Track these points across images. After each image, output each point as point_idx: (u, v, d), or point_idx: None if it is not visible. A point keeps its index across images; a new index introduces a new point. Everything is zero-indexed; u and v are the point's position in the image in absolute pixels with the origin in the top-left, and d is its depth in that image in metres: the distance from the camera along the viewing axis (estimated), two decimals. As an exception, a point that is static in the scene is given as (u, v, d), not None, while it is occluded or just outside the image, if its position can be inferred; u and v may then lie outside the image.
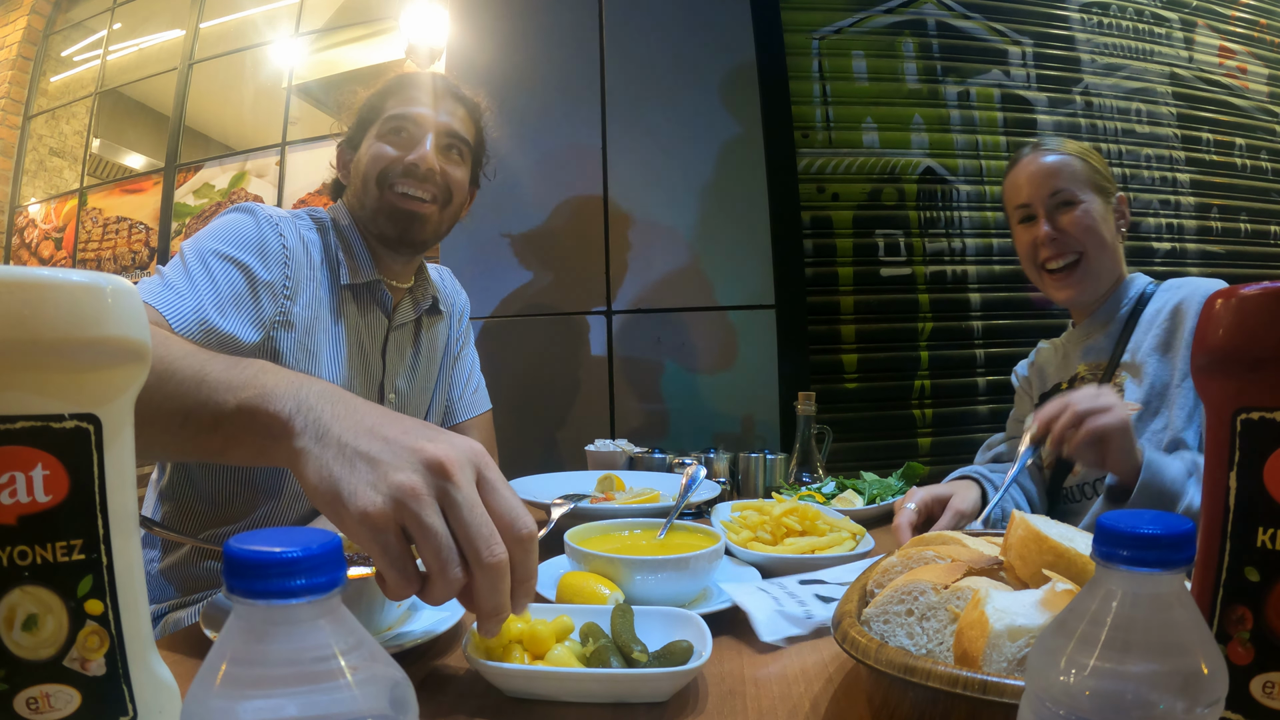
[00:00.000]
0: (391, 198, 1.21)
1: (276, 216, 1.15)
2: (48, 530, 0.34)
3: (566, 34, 2.37)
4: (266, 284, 1.07)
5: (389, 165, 1.21)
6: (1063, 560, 0.55)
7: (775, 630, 0.70)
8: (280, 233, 1.12)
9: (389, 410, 0.60)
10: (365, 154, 1.25)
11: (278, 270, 1.10)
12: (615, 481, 1.23)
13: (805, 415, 1.45)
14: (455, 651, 0.69)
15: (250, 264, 1.06)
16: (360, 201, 1.24)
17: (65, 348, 0.34)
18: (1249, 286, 0.38)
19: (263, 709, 0.29)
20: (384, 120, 1.24)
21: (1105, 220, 1.32)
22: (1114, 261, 1.33)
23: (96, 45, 4.02)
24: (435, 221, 1.26)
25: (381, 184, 1.22)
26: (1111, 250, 1.32)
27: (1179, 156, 2.58)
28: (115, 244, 3.72)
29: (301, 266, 1.14)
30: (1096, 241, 1.31)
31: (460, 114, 1.29)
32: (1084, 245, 1.30)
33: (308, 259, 1.16)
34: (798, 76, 2.40)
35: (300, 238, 1.16)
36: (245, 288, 1.05)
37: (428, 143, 1.23)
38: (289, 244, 1.12)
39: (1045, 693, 0.33)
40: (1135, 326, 1.27)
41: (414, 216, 1.22)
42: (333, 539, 0.31)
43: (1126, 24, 2.59)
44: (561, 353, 2.33)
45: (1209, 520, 0.39)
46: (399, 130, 1.23)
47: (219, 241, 1.07)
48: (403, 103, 1.25)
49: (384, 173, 1.21)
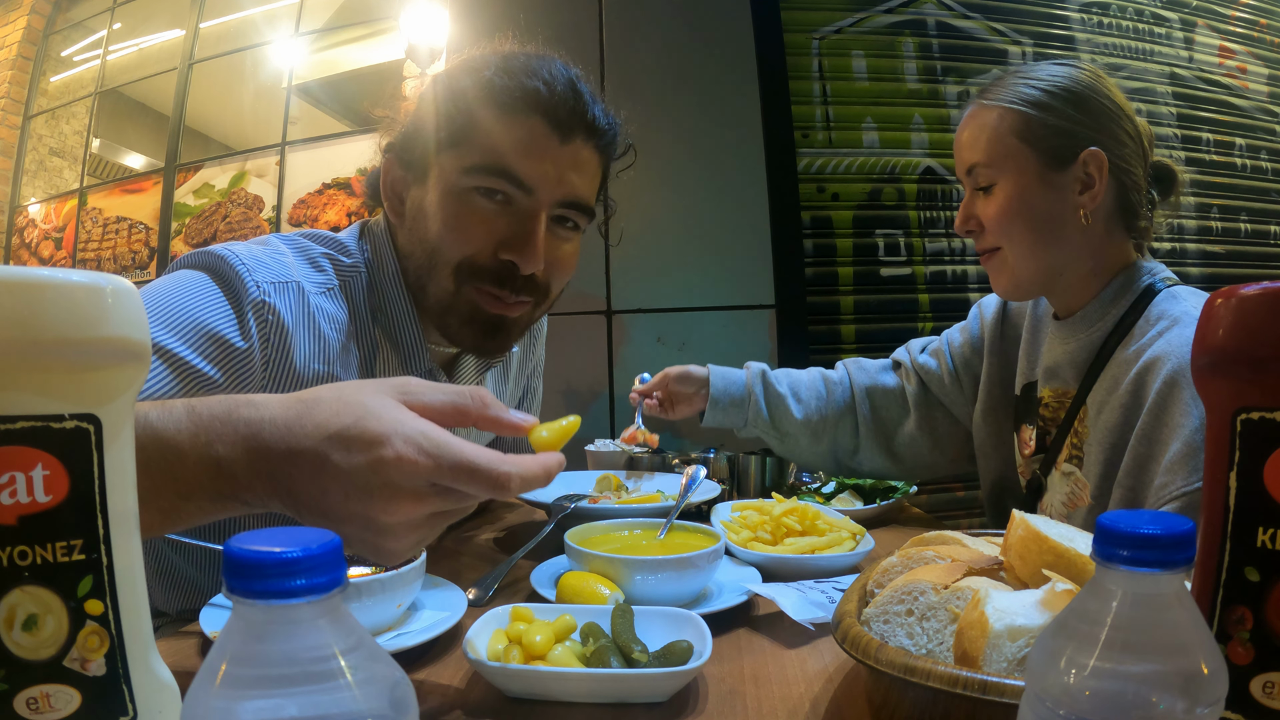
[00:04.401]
0: (473, 296, 0.89)
1: (267, 282, 0.83)
2: (48, 530, 0.34)
3: (566, 34, 2.36)
4: (212, 383, 0.78)
5: (475, 257, 0.87)
6: (1063, 560, 0.55)
7: (804, 611, 0.70)
8: (263, 316, 0.82)
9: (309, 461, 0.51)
10: (436, 205, 0.88)
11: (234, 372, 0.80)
12: (614, 481, 1.23)
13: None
14: (455, 651, 0.69)
15: (196, 364, 0.77)
16: (421, 276, 0.91)
17: (65, 348, 0.34)
18: (1249, 286, 0.38)
19: (263, 709, 0.29)
20: (478, 167, 0.86)
21: (1044, 200, 1.01)
22: (1071, 253, 1.02)
23: (96, 45, 4.02)
24: (526, 323, 0.95)
25: (460, 276, 0.88)
26: (1063, 240, 1.01)
27: (1179, 156, 2.58)
28: (115, 244, 3.72)
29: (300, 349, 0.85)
30: (1019, 234, 1.03)
31: (590, 162, 0.91)
32: (999, 240, 1.05)
33: (317, 344, 0.86)
34: (798, 76, 2.40)
35: (309, 320, 0.85)
36: (174, 388, 0.75)
37: (539, 228, 0.87)
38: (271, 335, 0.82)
39: (1045, 693, 0.33)
40: (1121, 345, 0.99)
41: (500, 324, 0.91)
42: (333, 539, 0.31)
43: (1126, 24, 2.59)
44: (561, 353, 2.33)
45: (1209, 520, 0.39)
46: (499, 196, 0.86)
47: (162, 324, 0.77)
48: (515, 147, 0.85)
49: (468, 266, 0.88)
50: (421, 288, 0.92)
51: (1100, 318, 1.03)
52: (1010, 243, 1.04)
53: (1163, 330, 0.94)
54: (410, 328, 0.94)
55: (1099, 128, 1.00)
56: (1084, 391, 1.03)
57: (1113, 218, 1.03)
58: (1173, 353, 0.90)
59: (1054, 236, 1.02)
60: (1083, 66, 1.05)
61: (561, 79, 0.88)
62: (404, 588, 0.70)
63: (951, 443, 1.33)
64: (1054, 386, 1.10)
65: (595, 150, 0.92)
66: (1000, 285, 1.09)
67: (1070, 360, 1.06)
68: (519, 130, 0.86)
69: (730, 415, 1.33)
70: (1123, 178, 1.01)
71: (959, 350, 1.30)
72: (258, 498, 0.53)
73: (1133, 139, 1.02)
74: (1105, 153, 0.99)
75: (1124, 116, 1.02)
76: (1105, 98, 1.02)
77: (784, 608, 0.71)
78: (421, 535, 0.54)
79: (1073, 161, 1.00)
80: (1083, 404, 1.03)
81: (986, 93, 1.06)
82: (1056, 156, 1.00)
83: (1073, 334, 1.06)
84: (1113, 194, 1.01)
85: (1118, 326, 1.01)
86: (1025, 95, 1.02)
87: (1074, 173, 1.00)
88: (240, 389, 0.81)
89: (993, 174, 1.03)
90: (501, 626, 0.65)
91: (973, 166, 1.05)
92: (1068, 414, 1.05)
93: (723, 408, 1.32)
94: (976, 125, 1.05)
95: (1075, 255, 1.03)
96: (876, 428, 1.33)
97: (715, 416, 1.33)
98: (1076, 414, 1.04)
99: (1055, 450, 1.07)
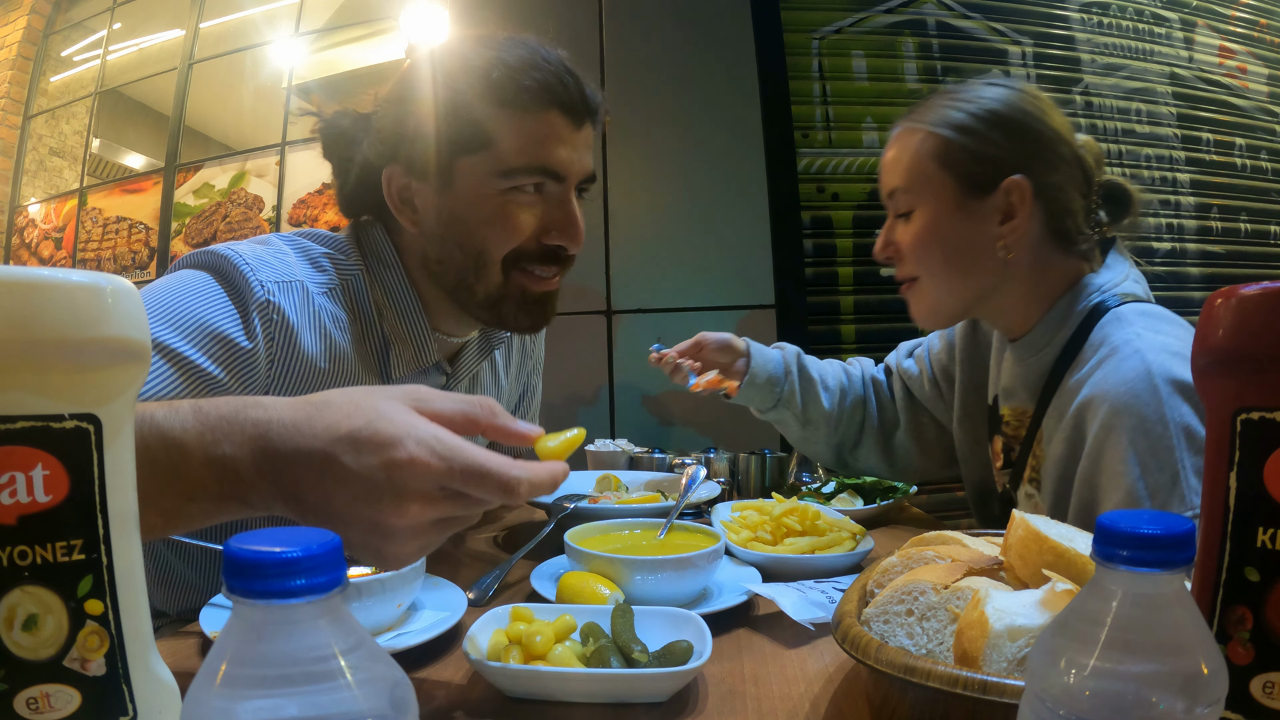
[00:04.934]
0: (523, 280, 0.93)
1: (271, 282, 0.84)
2: (48, 530, 0.34)
3: (566, 34, 2.37)
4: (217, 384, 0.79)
5: (522, 246, 0.91)
6: (1063, 560, 0.55)
7: (804, 611, 0.70)
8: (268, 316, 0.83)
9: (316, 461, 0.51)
10: (470, 207, 0.89)
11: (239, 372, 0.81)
12: (614, 481, 1.23)
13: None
14: (455, 651, 0.69)
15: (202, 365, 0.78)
16: (460, 276, 0.93)
17: (65, 348, 0.34)
18: (1249, 286, 0.38)
19: (263, 709, 0.29)
20: (516, 169, 0.88)
21: (960, 230, 0.97)
22: (990, 283, 0.99)
23: (96, 45, 4.02)
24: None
25: (507, 266, 0.92)
26: (979, 270, 0.98)
27: (1179, 156, 2.58)
28: (115, 244, 3.71)
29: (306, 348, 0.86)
30: (934, 263, 1.00)
31: (592, 136, 0.96)
32: (915, 268, 1.02)
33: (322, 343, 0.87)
34: (798, 76, 2.40)
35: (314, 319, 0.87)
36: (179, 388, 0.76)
37: (577, 210, 0.92)
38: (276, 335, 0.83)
39: (1045, 693, 0.33)
40: (1069, 370, 0.95)
41: (548, 300, 0.96)
42: (333, 539, 0.31)
43: (1126, 24, 2.59)
44: (561, 352, 2.33)
45: (1209, 520, 0.39)
46: (533, 189, 0.90)
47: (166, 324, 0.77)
48: (546, 143, 0.88)
49: (515, 254, 0.91)
50: (460, 283, 0.93)
51: (1047, 342, 0.99)
52: (926, 272, 1.01)
53: (1102, 359, 0.90)
54: (418, 322, 0.95)
55: (1025, 154, 0.96)
56: (1040, 413, 1.00)
57: (1045, 243, 0.98)
58: (1108, 393, 0.86)
59: (969, 267, 0.99)
60: (1017, 88, 0.99)
61: (559, 66, 0.90)
62: (404, 588, 0.70)
63: (939, 447, 1.31)
64: (1013, 405, 1.07)
65: (593, 124, 0.96)
66: (917, 314, 1.06)
67: (1023, 383, 1.03)
68: (543, 127, 0.89)
69: (762, 394, 1.27)
70: (1052, 205, 0.97)
71: (938, 356, 1.29)
72: (262, 499, 0.53)
73: (1069, 162, 0.98)
74: (1031, 180, 0.95)
75: (1059, 140, 0.97)
76: (1037, 121, 0.97)
77: (784, 608, 0.71)
78: (425, 542, 0.54)
79: (993, 190, 0.95)
80: (1039, 426, 1.00)
81: (913, 114, 1.02)
82: (976, 184, 0.96)
83: (1022, 358, 1.03)
84: (1041, 221, 0.97)
85: (1064, 350, 0.97)
86: (949, 119, 0.97)
87: (994, 202, 0.96)
88: (245, 390, 0.82)
89: (911, 200, 1.00)
90: (501, 626, 0.65)
91: (893, 191, 1.02)
92: (1028, 433, 1.02)
93: (758, 385, 1.26)
94: (899, 148, 1.02)
95: (997, 285, 1.00)
96: (880, 426, 1.33)
97: (746, 393, 1.27)
98: (1035, 435, 1.01)
99: (1020, 467, 1.05)
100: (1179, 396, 0.84)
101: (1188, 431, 0.83)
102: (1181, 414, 0.83)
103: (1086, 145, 1.00)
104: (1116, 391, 0.86)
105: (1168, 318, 0.94)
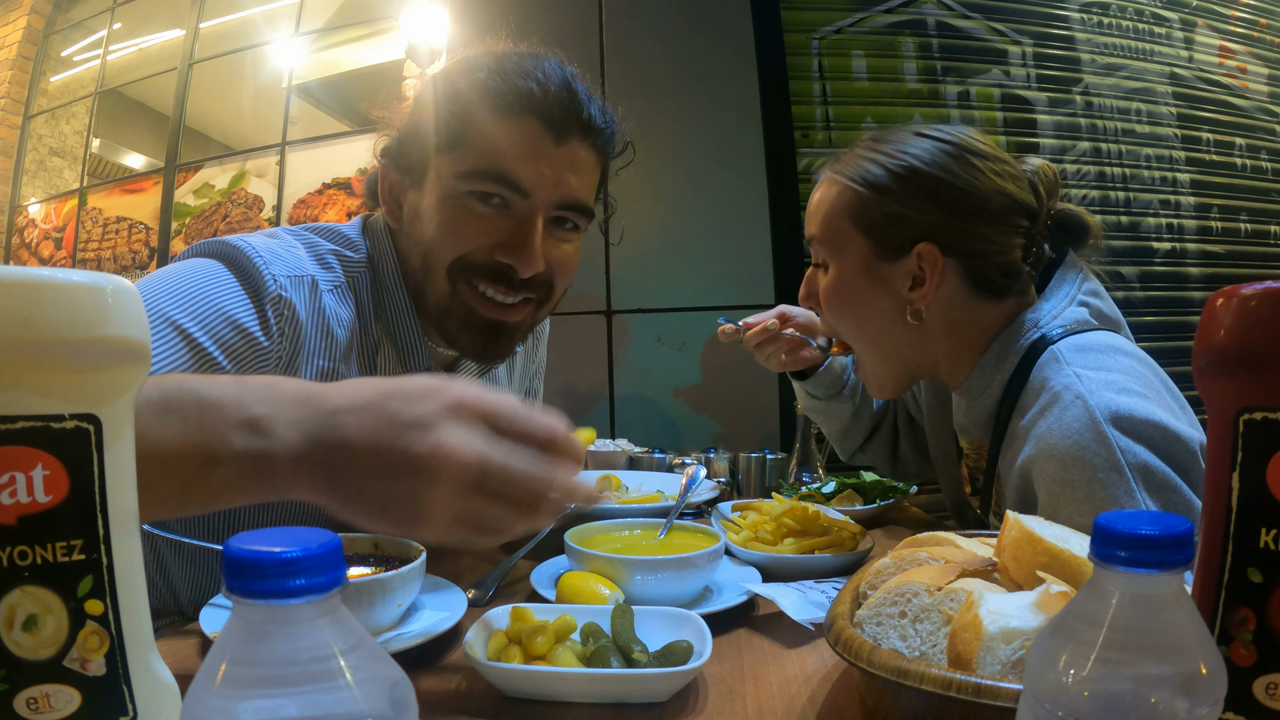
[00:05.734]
0: (469, 298, 0.87)
1: (284, 276, 0.83)
2: (48, 530, 0.34)
3: (566, 34, 2.37)
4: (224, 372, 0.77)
5: (470, 255, 0.86)
6: (1057, 562, 0.54)
7: (804, 611, 0.70)
8: (280, 311, 0.81)
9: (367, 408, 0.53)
10: (433, 209, 0.86)
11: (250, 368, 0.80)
12: (614, 481, 1.23)
13: (805, 415, 1.45)
14: (455, 651, 0.69)
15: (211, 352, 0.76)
16: (419, 278, 0.90)
17: (65, 348, 0.34)
18: (1250, 286, 0.38)
19: (262, 709, 0.29)
20: (474, 172, 0.84)
21: (869, 292, 0.94)
22: (909, 344, 0.95)
23: (96, 45, 4.02)
24: (529, 326, 0.94)
25: (454, 276, 0.87)
26: (892, 334, 0.95)
27: (1179, 156, 2.58)
28: (115, 244, 3.72)
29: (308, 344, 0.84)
30: (846, 324, 0.98)
31: (588, 162, 0.89)
32: (830, 322, 1.00)
33: (323, 340, 0.85)
34: (798, 76, 2.40)
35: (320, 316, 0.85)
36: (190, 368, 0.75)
37: (537, 231, 0.85)
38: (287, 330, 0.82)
39: (1044, 694, 0.33)
40: (1014, 414, 0.91)
41: (499, 329, 0.90)
42: (332, 539, 0.31)
43: (1126, 24, 2.59)
44: (561, 353, 2.33)
45: (1211, 521, 0.39)
46: (495, 200, 0.85)
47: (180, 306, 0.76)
48: (511, 151, 0.83)
49: (461, 264, 0.86)
50: (420, 290, 0.91)
51: (985, 386, 0.95)
52: (843, 331, 0.99)
53: (1044, 408, 0.85)
54: (410, 327, 0.93)
55: (941, 215, 0.90)
56: (995, 450, 0.96)
57: (968, 299, 0.93)
58: (1054, 447, 0.82)
59: (882, 330, 0.96)
60: (949, 140, 0.92)
61: (556, 78, 0.86)
62: (404, 588, 0.70)
63: None
64: (969, 439, 1.05)
65: (592, 149, 0.90)
66: (869, 387, 1.04)
67: (974, 422, 1.00)
68: (514, 133, 0.84)
69: (831, 383, 1.24)
70: (974, 261, 0.91)
71: None
72: (287, 452, 0.53)
73: (998, 214, 0.91)
74: (943, 243, 0.90)
75: (985, 196, 0.90)
76: (960, 178, 0.90)
77: (784, 608, 0.71)
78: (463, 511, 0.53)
79: (906, 254, 0.91)
80: (996, 463, 0.97)
81: (837, 161, 0.97)
82: (889, 245, 0.92)
83: (966, 401, 0.99)
84: (958, 279, 0.92)
85: (1006, 391, 0.93)
86: (867, 174, 0.92)
87: (905, 265, 0.92)
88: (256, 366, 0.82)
89: (826, 252, 0.97)
90: (501, 626, 0.65)
91: (810, 239, 0.99)
92: (988, 464, 0.99)
93: (832, 373, 1.24)
94: (820, 196, 0.97)
95: (917, 346, 0.96)
96: (894, 428, 1.34)
97: (817, 380, 1.24)
98: (994, 468, 0.97)
99: (987, 495, 1.02)
100: (1128, 437, 0.79)
101: (1144, 470, 0.79)
102: (1135, 454, 0.79)
103: (1040, 171, 0.96)
104: (1064, 445, 0.81)
105: (1107, 348, 0.89)
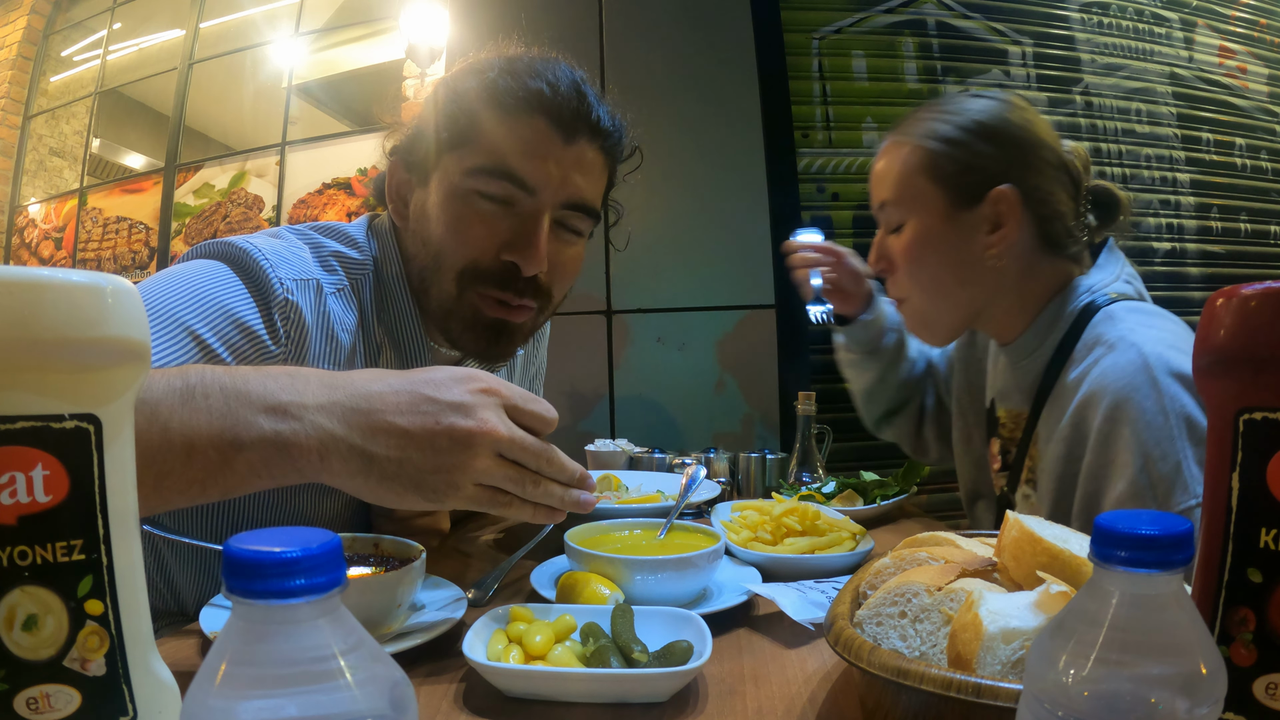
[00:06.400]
0: (475, 301, 0.88)
1: (290, 279, 0.82)
2: (48, 530, 0.34)
3: (567, 34, 2.36)
4: None
5: (477, 260, 0.86)
6: (1057, 562, 0.54)
7: (804, 611, 0.70)
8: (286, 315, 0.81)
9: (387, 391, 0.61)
10: (439, 206, 0.87)
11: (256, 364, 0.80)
12: (614, 481, 1.23)
13: (805, 415, 1.45)
14: (455, 651, 0.69)
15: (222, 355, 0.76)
16: (425, 277, 0.90)
17: (65, 348, 0.34)
18: (1250, 286, 0.38)
19: (262, 709, 0.29)
20: (481, 169, 0.84)
21: (951, 242, 0.98)
22: (985, 293, 1.00)
23: (96, 45, 4.02)
24: (530, 329, 0.94)
25: (462, 281, 0.87)
26: (973, 282, 0.99)
27: (1179, 156, 2.58)
28: (115, 244, 3.71)
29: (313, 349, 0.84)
30: (927, 276, 1.01)
31: (595, 163, 0.90)
32: (907, 282, 1.03)
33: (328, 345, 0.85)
34: (798, 76, 2.40)
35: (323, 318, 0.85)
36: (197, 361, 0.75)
37: (542, 229, 0.85)
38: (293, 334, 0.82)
39: (1043, 694, 0.33)
40: (1063, 371, 0.95)
41: (502, 329, 0.90)
42: (333, 539, 0.31)
43: (1126, 24, 2.59)
44: (561, 353, 2.33)
45: (1211, 521, 0.39)
46: (503, 199, 0.85)
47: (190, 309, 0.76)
48: (518, 148, 0.84)
49: (470, 269, 0.86)
50: (425, 290, 0.91)
51: (1038, 345, 1.00)
52: (919, 287, 1.02)
53: (1099, 358, 0.90)
54: (413, 328, 0.93)
55: (1012, 162, 0.96)
56: (1035, 415, 1.00)
57: (1034, 249, 0.98)
58: (1109, 385, 0.87)
59: (962, 279, 0.99)
60: (1003, 98, 1.00)
61: (566, 80, 0.87)
62: (404, 588, 0.70)
63: None
64: (1008, 408, 1.08)
65: (600, 152, 0.90)
66: (917, 332, 1.08)
67: (1018, 386, 1.04)
68: (522, 130, 0.85)
69: (870, 337, 1.27)
70: (1041, 209, 0.97)
71: (948, 354, 1.32)
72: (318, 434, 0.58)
73: (1056, 167, 0.98)
74: (1017, 188, 0.95)
75: (1045, 147, 0.98)
76: (1022, 129, 0.97)
77: (784, 608, 0.71)
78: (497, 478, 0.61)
79: (981, 200, 0.96)
80: (1035, 428, 1.00)
81: (900, 126, 1.02)
82: (964, 194, 0.96)
83: (1015, 361, 1.03)
84: (1030, 227, 0.98)
85: (1057, 352, 0.97)
86: (935, 131, 0.98)
87: (982, 212, 0.97)
88: None
89: (901, 213, 1.00)
90: (501, 626, 0.65)
91: (883, 203, 1.02)
92: (1024, 435, 1.02)
93: (873, 327, 1.27)
94: (887, 161, 1.02)
95: (990, 294, 1.00)
96: (921, 407, 1.35)
97: (855, 330, 1.28)
98: (1031, 437, 1.01)
99: (1017, 470, 1.05)
100: (1177, 385, 0.85)
101: (1188, 421, 0.84)
102: (1181, 404, 0.84)
103: (1075, 151, 1.01)
104: (1116, 384, 0.86)
105: (1159, 313, 0.95)
